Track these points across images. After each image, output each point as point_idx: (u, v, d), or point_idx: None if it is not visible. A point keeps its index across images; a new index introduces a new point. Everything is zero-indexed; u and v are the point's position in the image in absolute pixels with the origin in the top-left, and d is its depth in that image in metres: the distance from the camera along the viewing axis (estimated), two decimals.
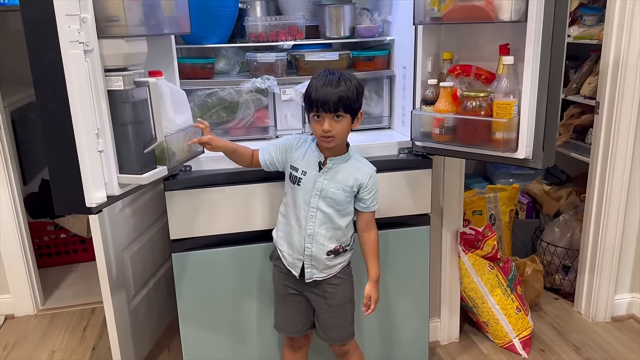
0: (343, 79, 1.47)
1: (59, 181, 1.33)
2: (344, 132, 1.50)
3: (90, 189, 1.30)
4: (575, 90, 2.73)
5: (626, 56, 2.13)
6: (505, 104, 1.51)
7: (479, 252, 2.16)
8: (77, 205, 1.32)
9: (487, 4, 1.47)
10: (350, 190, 1.54)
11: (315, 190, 1.54)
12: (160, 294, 2.31)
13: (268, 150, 1.61)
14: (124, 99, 1.34)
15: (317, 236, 1.56)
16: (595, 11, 2.66)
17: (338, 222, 1.56)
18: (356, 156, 1.59)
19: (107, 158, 1.32)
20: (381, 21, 1.99)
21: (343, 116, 1.47)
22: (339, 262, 1.61)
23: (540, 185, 2.95)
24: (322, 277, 1.60)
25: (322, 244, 1.56)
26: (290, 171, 1.58)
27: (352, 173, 1.55)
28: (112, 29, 1.30)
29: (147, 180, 1.40)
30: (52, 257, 3.01)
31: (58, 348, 2.31)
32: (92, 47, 1.24)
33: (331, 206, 1.54)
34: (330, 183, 1.53)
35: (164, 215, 1.69)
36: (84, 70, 1.24)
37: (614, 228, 2.33)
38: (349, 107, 1.47)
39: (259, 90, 1.85)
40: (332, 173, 1.54)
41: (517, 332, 2.20)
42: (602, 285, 2.39)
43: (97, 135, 1.29)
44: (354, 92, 1.47)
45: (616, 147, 2.23)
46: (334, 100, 1.44)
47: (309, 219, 1.55)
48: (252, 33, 1.88)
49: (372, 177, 1.57)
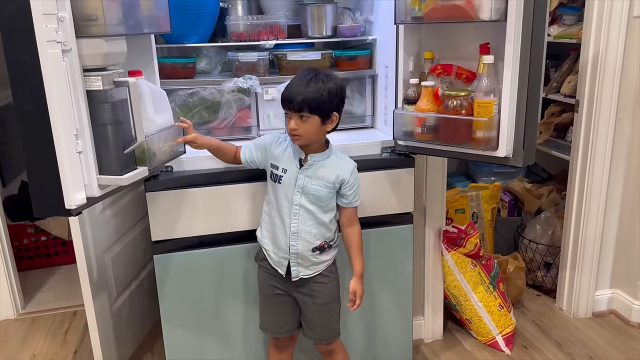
0: (315, 80, 1.45)
1: (38, 183, 1.31)
2: (311, 133, 1.49)
3: (70, 190, 1.28)
4: (556, 89, 2.76)
5: (605, 55, 2.16)
6: (485, 103, 1.52)
7: (461, 250, 2.18)
8: (56, 207, 1.30)
9: (467, 4, 1.48)
10: (332, 187, 1.55)
11: (297, 187, 1.54)
12: (143, 296, 2.29)
13: (249, 149, 1.62)
14: (103, 99, 1.32)
15: (301, 233, 1.56)
16: (574, 10, 2.69)
17: (321, 218, 1.56)
18: (337, 153, 1.59)
19: (86, 159, 1.31)
20: (363, 21, 1.99)
21: (308, 117, 1.46)
22: (325, 259, 1.61)
23: (522, 183, 2.98)
24: (309, 275, 1.60)
25: (307, 241, 1.56)
26: (271, 169, 1.58)
27: (333, 169, 1.55)
28: (90, 29, 1.28)
29: (128, 182, 1.38)
30: (33, 260, 2.97)
31: (39, 352, 2.28)
32: (70, 46, 1.23)
33: (313, 203, 1.54)
34: (312, 180, 1.53)
35: (145, 217, 1.68)
36: (62, 70, 1.22)
37: (594, 225, 2.36)
38: (315, 109, 1.46)
39: (241, 90, 1.84)
40: (313, 170, 1.54)
41: (500, 329, 2.22)
42: (583, 281, 2.42)
43: (76, 136, 1.27)
44: (324, 94, 1.45)
45: (596, 145, 2.26)
46: (298, 101, 1.44)
47: (293, 217, 1.55)
48: (234, 32, 1.87)
49: (353, 172, 1.57)
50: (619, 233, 2.41)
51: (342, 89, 1.52)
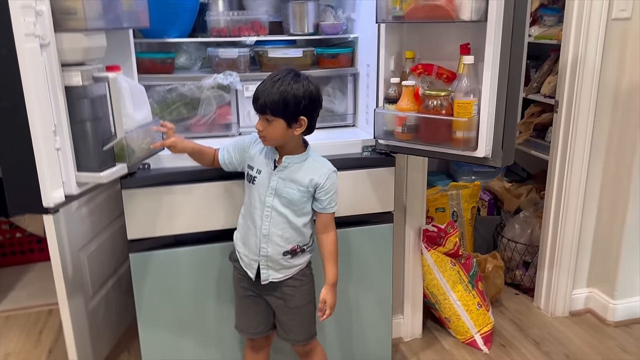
0: (282, 82, 1.40)
1: (13, 180, 1.28)
2: (277, 135, 1.45)
3: (48, 188, 1.25)
4: (536, 89, 2.79)
5: (584, 56, 2.18)
6: (465, 103, 1.52)
7: (441, 249, 2.18)
8: (32, 205, 1.28)
9: (447, 3, 1.47)
10: (305, 190, 1.50)
11: (270, 189, 1.51)
12: (119, 295, 2.26)
13: (227, 150, 1.59)
14: (81, 94, 1.29)
15: (272, 236, 1.52)
16: (555, 12, 2.72)
17: (294, 222, 1.53)
18: (314, 156, 1.55)
19: (64, 156, 1.28)
20: (345, 19, 1.98)
21: (272, 119, 1.42)
22: (297, 263, 1.58)
23: (501, 183, 3.00)
24: (279, 279, 1.57)
25: (278, 244, 1.53)
26: (247, 170, 1.56)
27: (308, 173, 1.50)
28: (69, 23, 1.25)
29: (107, 179, 1.36)
30: (7, 257, 2.91)
31: (12, 351, 2.23)
32: (49, 40, 1.20)
33: (286, 206, 1.51)
34: (285, 182, 1.50)
35: (122, 215, 1.65)
36: (40, 65, 1.19)
37: (572, 224, 2.39)
38: (278, 112, 1.41)
39: (221, 87, 1.81)
40: (287, 172, 1.51)
41: (478, 327, 2.23)
42: (561, 280, 2.45)
43: (55, 133, 1.25)
44: (287, 97, 1.40)
45: (574, 145, 2.28)
46: (261, 103, 1.41)
47: (264, 219, 1.52)
48: (214, 28, 1.85)
49: (330, 177, 1.52)
50: (596, 233, 2.44)
51: (312, 92, 1.44)
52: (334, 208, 1.56)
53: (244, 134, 1.89)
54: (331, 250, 1.57)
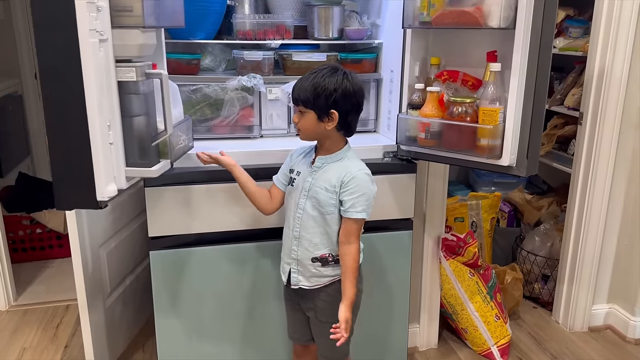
0: (317, 75, 1.41)
1: (64, 175, 1.29)
2: (309, 129, 1.45)
3: (103, 182, 1.27)
4: (559, 101, 2.76)
5: (610, 68, 2.15)
6: (491, 111, 1.51)
7: (460, 258, 2.16)
8: (84, 199, 1.29)
9: (476, 10, 1.47)
10: (332, 190, 1.45)
11: (304, 190, 1.49)
12: (137, 293, 2.27)
13: (277, 177, 1.60)
14: (132, 90, 1.32)
15: (302, 239, 1.50)
16: (581, 24, 2.69)
17: (325, 227, 1.48)
18: (351, 156, 1.50)
19: (116, 151, 1.30)
20: (370, 24, 1.98)
21: (304, 111, 1.43)
22: (328, 274, 1.52)
23: (522, 194, 2.97)
24: (309, 287, 1.53)
25: (307, 249, 1.50)
26: (290, 175, 1.56)
27: (337, 172, 1.46)
28: (123, 19, 1.27)
29: (157, 173, 1.40)
30: (27, 252, 2.95)
31: (29, 345, 2.25)
32: (107, 36, 1.23)
33: (316, 207, 1.47)
34: (317, 182, 1.47)
35: (143, 212, 1.66)
36: (99, 60, 1.22)
37: (594, 239, 2.35)
38: (309, 104, 1.41)
39: (245, 89, 1.82)
40: (320, 172, 1.48)
41: (495, 339, 2.20)
42: (581, 295, 2.41)
43: (109, 127, 1.27)
44: (318, 89, 1.39)
45: (598, 158, 2.25)
46: (294, 94, 1.44)
47: (296, 220, 1.50)
48: (240, 30, 1.86)
49: (356, 177, 1.44)
50: (618, 248, 2.39)
51: (347, 88, 1.41)
52: (360, 214, 1.44)
53: (266, 136, 1.91)
54: (349, 266, 1.45)
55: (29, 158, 3.54)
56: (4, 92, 3.13)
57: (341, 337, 1.40)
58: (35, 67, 3.49)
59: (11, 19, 3.41)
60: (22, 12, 3.41)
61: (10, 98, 3.24)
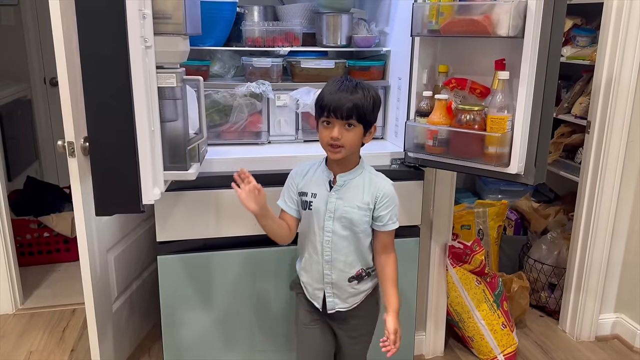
0: (361, 87, 1.36)
1: (106, 181, 1.30)
2: (354, 144, 1.38)
3: (149, 186, 1.30)
4: (567, 110, 2.75)
5: (618, 77, 2.15)
6: (499, 119, 1.51)
7: (466, 266, 2.16)
8: (126, 204, 1.32)
9: (485, 19, 1.48)
10: (366, 208, 1.41)
11: (329, 212, 1.42)
12: (144, 297, 2.28)
13: (284, 199, 1.50)
14: (169, 95, 1.35)
15: (335, 262, 1.44)
16: (588, 32, 2.69)
17: (357, 244, 1.44)
18: (369, 169, 1.46)
19: (158, 155, 1.33)
20: (378, 32, 1.99)
21: (355, 125, 1.36)
22: (364, 289, 1.49)
23: (529, 202, 2.96)
24: (346, 308, 1.48)
25: (342, 271, 1.45)
26: (300, 197, 1.47)
27: (367, 187, 1.41)
28: (162, 27, 1.30)
29: (194, 176, 1.44)
30: (34, 256, 2.96)
31: (36, 349, 2.26)
32: (150, 43, 1.25)
33: (348, 228, 1.42)
34: (344, 201, 1.41)
35: (151, 217, 1.67)
36: (146, 66, 1.24)
37: (601, 248, 2.34)
38: (363, 117, 1.35)
39: (253, 95, 1.84)
40: (344, 190, 1.41)
41: (502, 348, 2.19)
42: (588, 304, 2.40)
43: (153, 132, 1.29)
44: (370, 102, 1.36)
45: (606, 167, 2.25)
46: (348, 107, 1.33)
47: (325, 245, 1.43)
48: (249, 37, 1.88)
49: (389, 190, 1.43)
50: (625, 257, 2.38)
51: (380, 100, 1.43)
52: (396, 224, 1.45)
53: (274, 142, 1.91)
54: (393, 275, 1.46)
55: (37, 162, 3.56)
56: (13, 96, 3.15)
57: (392, 349, 1.40)
58: (44, 72, 3.52)
59: (22, 24, 3.45)
60: (33, 18, 3.44)
61: (19, 102, 3.27)
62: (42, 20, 3.41)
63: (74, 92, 1.67)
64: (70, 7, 1.62)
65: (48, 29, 1.60)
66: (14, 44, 3.44)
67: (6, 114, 2.94)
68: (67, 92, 1.64)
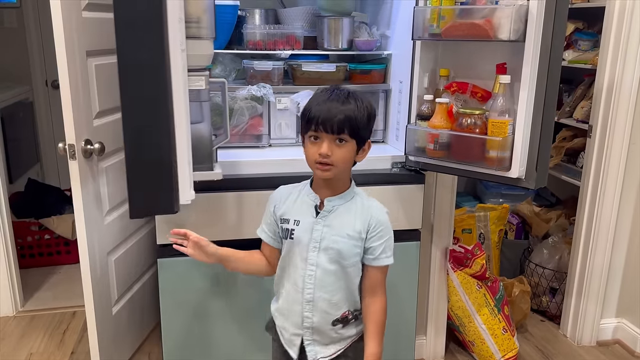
0: (353, 97, 1.19)
1: (143, 184, 1.30)
2: (346, 162, 1.20)
3: (186, 187, 1.32)
4: (568, 114, 2.75)
5: (620, 81, 2.15)
6: (500, 123, 1.51)
7: (467, 270, 2.15)
8: (161, 205, 1.33)
9: (486, 23, 1.47)
10: (357, 237, 1.22)
11: (314, 241, 1.23)
12: (144, 300, 2.27)
13: (263, 229, 1.35)
14: (196, 98, 1.37)
15: (318, 302, 1.24)
16: (590, 36, 2.69)
17: (345, 281, 1.24)
18: (362, 194, 1.29)
19: (191, 156, 1.35)
20: (379, 35, 1.99)
21: (347, 141, 1.18)
22: (349, 334, 1.29)
23: (530, 206, 2.95)
24: (329, 356, 1.28)
25: (326, 312, 1.25)
26: (281, 225, 1.29)
27: (359, 213, 1.23)
28: (191, 30, 1.32)
29: (220, 176, 1.46)
30: (35, 258, 2.96)
31: (36, 351, 2.26)
32: (184, 47, 1.27)
33: (335, 261, 1.22)
34: (331, 230, 1.22)
35: (151, 220, 1.67)
36: (183, 69, 1.27)
37: (603, 252, 2.33)
38: (356, 131, 1.17)
39: (254, 98, 1.84)
40: (332, 217, 1.23)
41: (502, 352, 2.18)
42: (589, 309, 2.39)
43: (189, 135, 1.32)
44: (364, 113, 1.19)
45: (607, 171, 2.24)
46: (339, 119, 1.15)
47: (307, 280, 1.24)
48: (250, 41, 1.88)
49: (383, 218, 1.25)
50: (627, 261, 2.37)
51: (375, 112, 1.26)
52: (390, 259, 1.25)
53: (274, 145, 1.91)
54: (378, 321, 1.26)
55: (38, 164, 3.56)
56: (15, 98, 3.16)
57: None
58: (46, 74, 3.53)
59: (24, 26, 3.46)
60: (35, 20, 3.45)
61: (21, 105, 3.27)
62: (44, 23, 3.42)
63: (75, 94, 1.67)
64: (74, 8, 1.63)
65: (50, 31, 1.61)
66: (16, 47, 3.45)
67: (8, 116, 2.94)
68: (68, 95, 1.64)
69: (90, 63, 1.77)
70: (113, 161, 1.93)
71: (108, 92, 1.86)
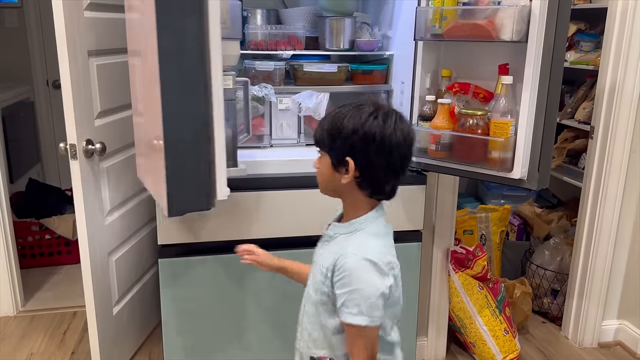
0: (342, 110, 1.07)
1: (181, 182, 1.32)
2: (321, 175, 1.11)
3: (223, 183, 1.35)
4: (570, 115, 2.74)
5: (622, 83, 2.15)
6: (502, 124, 1.50)
7: (469, 271, 2.15)
8: (197, 202, 1.35)
9: (488, 23, 1.47)
10: (325, 274, 1.08)
11: (314, 264, 1.17)
12: (144, 301, 2.27)
13: None
14: (224, 96, 1.38)
15: (304, 327, 1.18)
16: (592, 37, 2.68)
17: (321, 319, 1.11)
18: (368, 230, 1.10)
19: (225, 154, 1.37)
20: (381, 36, 1.99)
21: (321, 153, 1.11)
22: None
23: (532, 208, 2.95)
24: None
25: (306, 342, 1.17)
26: None
27: (337, 251, 1.08)
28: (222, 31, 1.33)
29: (245, 172, 1.49)
30: (36, 258, 2.96)
31: (36, 351, 2.26)
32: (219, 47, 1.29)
33: (317, 290, 1.12)
34: (321, 257, 1.13)
35: (152, 220, 1.67)
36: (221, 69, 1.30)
37: (604, 254, 2.33)
38: (323, 144, 1.09)
39: (256, 98, 1.83)
40: (330, 245, 1.13)
41: (504, 354, 2.18)
42: (590, 310, 2.38)
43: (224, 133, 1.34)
44: (335, 127, 1.06)
45: (609, 172, 2.24)
46: (315, 131, 1.13)
47: (303, 300, 1.20)
48: (252, 41, 1.88)
49: (348, 264, 1.03)
50: (629, 263, 2.37)
51: (372, 131, 1.02)
52: (355, 319, 1.03)
53: (276, 146, 1.91)
54: None
55: (39, 164, 3.56)
56: (16, 98, 3.16)
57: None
58: (47, 74, 3.53)
59: (25, 26, 3.46)
60: (36, 20, 3.45)
61: (22, 105, 3.27)
62: (45, 23, 3.42)
63: (76, 94, 1.67)
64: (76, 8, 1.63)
65: (51, 31, 1.61)
66: (17, 46, 3.45)
67: (9, 116, 2.94)
68: (70, 95, 1.64)
69: (91, 63, 1.77)
70: (114, 161, 1.93)
71: (109, 92, 1.86)
